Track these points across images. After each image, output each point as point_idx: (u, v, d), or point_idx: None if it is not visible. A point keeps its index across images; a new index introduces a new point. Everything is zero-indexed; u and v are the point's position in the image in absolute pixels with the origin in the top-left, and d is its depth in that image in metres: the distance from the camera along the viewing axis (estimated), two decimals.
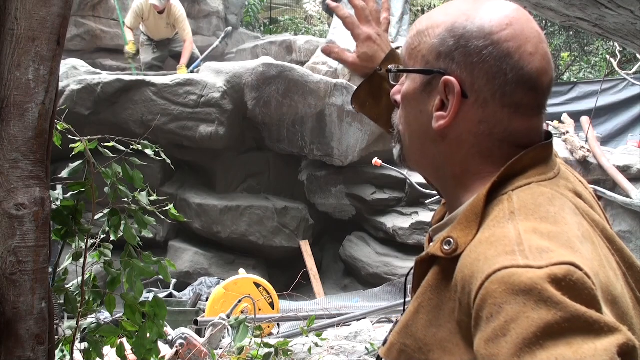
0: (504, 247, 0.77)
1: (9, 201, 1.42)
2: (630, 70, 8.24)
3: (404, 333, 0.89)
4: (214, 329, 3.81)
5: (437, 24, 0.92)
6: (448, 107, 0.89)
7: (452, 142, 0.91)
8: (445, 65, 0.90)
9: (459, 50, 0.89)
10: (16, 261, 1.42)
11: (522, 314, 0.70)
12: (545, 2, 3.10)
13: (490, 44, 0.87)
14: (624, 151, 6.39)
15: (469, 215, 0.86)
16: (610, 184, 5.98)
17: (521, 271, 0.73)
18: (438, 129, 0.91)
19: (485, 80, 0.87)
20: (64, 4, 1.48)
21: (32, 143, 1.45)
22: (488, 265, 0.75)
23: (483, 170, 0.90)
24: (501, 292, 0.72)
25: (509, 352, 0.69)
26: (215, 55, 8.77)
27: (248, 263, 6.87)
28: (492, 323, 0.72)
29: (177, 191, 7.12)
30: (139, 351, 1.89)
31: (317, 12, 14.00)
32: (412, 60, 0.95)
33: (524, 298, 0.71)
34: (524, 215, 0.81)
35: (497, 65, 0.87)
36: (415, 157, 0.99)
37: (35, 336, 1.44)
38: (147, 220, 1.99)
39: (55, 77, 1.48)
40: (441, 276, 0.86)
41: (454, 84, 0.88)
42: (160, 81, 6.70)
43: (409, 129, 0.97)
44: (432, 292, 0.87)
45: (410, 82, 0.96)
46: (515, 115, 0.88)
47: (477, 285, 0.75)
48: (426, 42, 0.93)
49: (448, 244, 0.85)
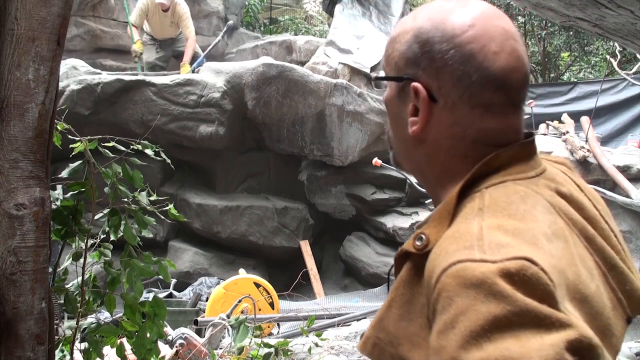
0: (464, 242, 0.78)
1: (9, 201, 1.42)
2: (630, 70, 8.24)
3: (378, 327, 0.90)
4: (214, 329, 3.81)
5: (406, 30, 0.94)
6: (419, 113, 0.91)
7: (430, 145, 0.93)
8: (413, 71, 0.92)
9: (424, 55, 0.90)
10: (16, 261, 1.42)
11: (471, 307, 0.71)
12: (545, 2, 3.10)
13: (452, 47, 0.88)
14: (624, 151, 6.39)
15: (442, 212, 0.87)
16: (610, 184, 5.98)
17: (475, 265, 0.74)
18: (413, 134, 0.92)
19: (451, 84, 0.89)
20: (64, 4, 1.48)
21: (32, 143, 1.45)
22: (445, 260, 0.77)
23: (460, 170, 0.91)
24: (454, 285, 0.74)
25: (456, 344, 0.70)
26: (215, 55, 8.77)
27: (248, 263, 6.87)
28: (443, 315, 0.73)
29: (177, 191, 7.11)
30: (139, 351, 1.89)
31: (317, 12, 14.01)
32: (388, 67, 0.98)
33: (475, 291, 0.72)
34: (492, 212, 0.82)
35: (461, 68, 0.88)
36: (404, 161, 1.02)
37: (35, 336, 1.44)
38: (147, 220, 1.99)
39: (55, 77, 1.48)
40: (413, 272, 0.87)
41: (419, 90, 0.90)
42: (160, 81, 6.70)
43: (394, 135, 1.00)
44: (404, 287, 0.88)
45: (389, 89, 0.98)
46: (486, 115, 0.89)
47: (435, 278, 0.77)
48: (397, 49, 0.94)
49: (420, 239, 0.87)
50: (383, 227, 7.19)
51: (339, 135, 7.15)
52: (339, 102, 7.07)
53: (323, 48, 8.57)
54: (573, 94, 9.08)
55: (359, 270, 7.32)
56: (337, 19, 8.96)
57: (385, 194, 7.45)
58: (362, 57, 8.08)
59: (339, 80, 7.31)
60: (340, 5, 9.05)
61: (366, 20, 8.91)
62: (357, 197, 7.48)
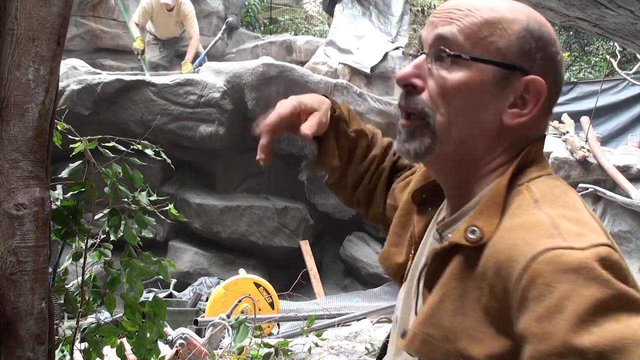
0: (542, 231, 0.79)
1: (9, 201, 1.42)
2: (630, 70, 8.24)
3: (427, 323, 0.88)
4: (214, 329, 3.81)
5: (510, 19, 0.91)
6: (527, 106, 0.91)
7: (507, 138, 0.92)
8: (528, 64, 0.91)
9: (539, 53, 0.91)
10: (16, 261, 1.42)
11: (575, 292, 0.73)
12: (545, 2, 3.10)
13: (558, 52, 0.94)
14: (624, 151, 6.38)
15: (490, 205, 0.88)
16: (610, 184, 5.97)
17: (568, 252, 0.76)
18: (513, 125, 0.91)
19: (552, 85, 0.93)
20: (64, 4, 1.48)
21: (32, 143, 1.45)
22: (530, 248, 0.77)
23: (501, 163, 0.93)
24: (550, 271, 0.75)
25: (566, 328, 0.71)
26: (216, 55, 8.77)
27: (248, 263, 6.87)
28: (544, 301, 0.74)
29: (177, 191, 7.11)
30: (139, 351, 1.89)
31: (317, 12, 14.00)
32: (480, 49, 0.91)
33: (575, 276, 0.74)
34: (548, 204, 0.84)
35: (560, 72, 0.94)
36: (449, 151, 0.93)
37: (35, 336, 1.44)
38: (147, 220, 1.99)
39: (55, 77, 1.48)
40: (465, 265, 0.87)
41: (542, 85, 0.90)
42: (160, 81, 6.70)
43: (461, 123, 0.92)
44: (456, 281, 0.87)
45: (474, 72, 0.91)
46: (549, 116, 0.96)
47: (520, 267, 0.77)
48: (502, 35, 0.90)
49: (473, 232, 0.86)
50: None
51: None
52: (339, 102, 7.06)
53: (323, 48, 8.57)
54: (573, 94, 9.07)
55: (359, 270, 7.31)
56: (337, 19, 8.96)
57: None
58: (362, 57, 8.08)
59: (339, 80, 7.31)
60: (340, 5, 9.05)
61: (366, 20, 8.91)
62: None
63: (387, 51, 8.19)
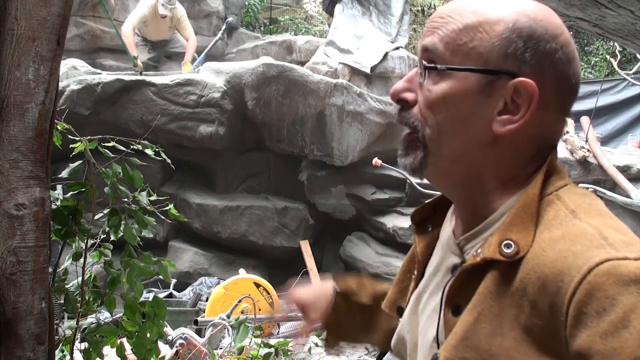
0: (590, 242, 0.76)
1: (9, 201, 1.42)
2: (630, 70, 8.24)
3: (462, 346, 0.82)
4: (214, 329, 3.82)
5: (493, 20, 0.86)
6: (518, 111, 0.85)
7: (504, 146, 0.87)
8: (515, 66, 0.84)
9: (529, 51, 0.84)
10: (16, 261, 1.42)
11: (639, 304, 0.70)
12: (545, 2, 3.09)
13: (558, 48, 0.85)
14: (624, 151, 6.39)
15: (523, 216, 0.83)
16: (610, 184, 5.98)
17: (625, 262, 0.72)
18: (503, 133, 0.85)
19: (553, 85, 0.85)
20: (64, 4, 1.48)
21: (32, 143, 1.45)
22: (583, 260, 0.74)
23: (525, 172, 0.88)
24: (611, 284, 0.71)
25: (635, 343, 0.69)
26: (216, 55, 8.77)
27: (248, 263, 6.87)
28: (608, 316, 0.71)
29: (177, 191, 7.11)
30: (139, 351, 1.89)
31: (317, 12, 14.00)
32: (459, 57, 0.86)
33: (637, 288, 0.71)
34: (585, 213, 0.81)
35: (565, 70, 0.86)
36: (446, 165, 0.90)
37: (35, 336, 1.44)
38: (147, 220, 1.99)
39: (55, 77, 1.48)
40: (500, 281, 0.81)
41: (532, 87, 0.84)
42: (160, 81, 6.70)
43: (448, 135, 0.88)
44: (492, 300, 0.82)
45: (456, 82, 0.86)
46: (561, 118, 0.89)
47: (575, 281, 0.73)
48: (483, 39, 0.85)
49: (508, 246, 0.81)
50: (383, 227, 7.19)
51: (339, 135, 7.15)
52: (339, 102, 7.06)
53: (323, 48, 8.57)
54: None
55: (359, 270, 7.31)
56: (337, 19, 8.96)
57: (386, 194, 7.45)
58: (362, 57, 8.07)
59: (339, 80, 7.31)
60: (340, 5, 9.05)
61: (366, 20, 8.90)
62: (357, 197, 7.48)
63: (387, 51, 8.19)
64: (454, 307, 0.87)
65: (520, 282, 0.79)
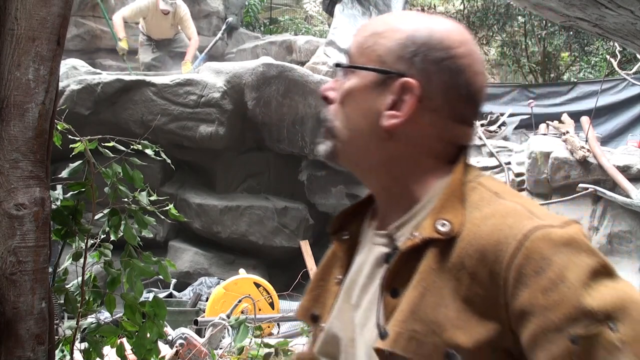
0: (520, 215, 0.86)
1: (9, 201, 1.42)
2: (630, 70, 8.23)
3: (411, 319, 0.89)
4: (214, 329, 3.82)
5: (396, 28, 0.98)
6: (402, 107, 0.94)
7: (402, 141, 0.96)
8: (404, 68, 0.95)
9: (418, 56, 0.95)
10: (16, 261, 1.42)
11: (571, 262, 0.81)
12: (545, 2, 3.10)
13: (448, 57, 0.95)
14: (624, 151, 6.38)
15: (452, 199, 0.92)
16: (610, 184, 5.96)
17: (553, 229, 0.84)
18: (388, 127, 0.95)
19: (440, 89, 0.95)
20: (64, 4, 1.48)
21: (32, 143, 1.45)
22: (517, 230, 0.84)
23: (436, 166, 0.97)
24: (544, 247, 0.82)
25: (573, 294, 0.79)
26: (216, 55, 8.77)
27: (248, 263, 6.87)
28: (545, 275, 0.81)
29: (177, 191, 7.11)
30: (139, 351, 1.89)
31: (317, 12, 14.00)
32: (363, 58, 0.99)
33: (567, 249, 0.82)
34: (507, 195, 0.92)
35: (453, 78, 0.95)
36: (354, 154, 1.01)
37: (35, 336, 1.44)
38: (147, 220, 1.99)
39: (55, 77, 1.48)
40: (439, 258, 0.90)
41: (414, 86, 0.94)
42: (160, 81, 6.70)
43: (349, 125, 0.99)
44: (434, 275, 0.89)
45: (359, 79, 0.98)
46: (458, 124, 0.97)
47: (512, 248, 0.83)
48: (383, 43, 0.97)
49: (443, 225, 0.89)
50: None
51: None
52: None
53: (323, 48, 8.57)
54: (573, 94, 9.07)
55: None
56: (337, 19, 8.96)
57: None
58: None
59: None
60: (340, 5, 9.05)
61: (366, 20, 8.90)
62: (357, 197, 7.41)
63: None
64: (391, 290, 0.93)
65: (458, 257, 0.87)
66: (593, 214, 5.94)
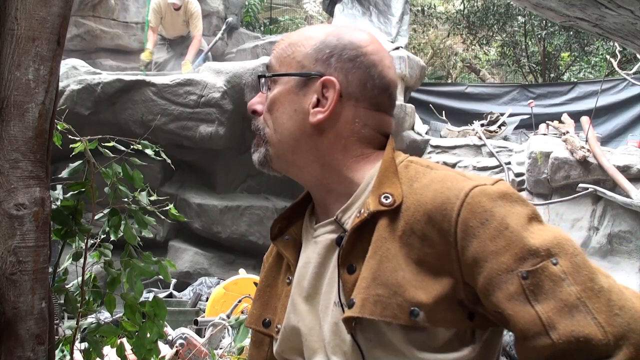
0: (456, 179, 0.96)
1: (9, 201, 1.42)
2: (630, 70, 8.22)
3: (374, 285, 0.96)
4: (214, 329, 3.82)
5: (310, 36, 1.09)
6: (326, 104, 1.05)
7: (330, 134, 1.06)
8: (323, 68, 1.06)
9: (334, 57, 1.06)
10: (16, 261, 1.42)
11: (509, 211, 0.92)
12: (545, 2, 3.10)
13: (360, 54, 1.07)
14: (624, 151, 6.37)
15: (389, 175, 1.02)
16: (610, 184, 5.96)
17: (488, 186, 0.94)
18: (316, 123, 1.05)
19: (357, 83, 1.06)
20: (64, 4, 1.48)
21: (32, 143, 1.45)
22: (457, 190, 0.94)
23: (365, 152, 1.07)
24: (485, 201, 0.92)
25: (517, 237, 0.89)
26: (216, 55, 8.76)
27: (248, 263, 6.87)
28: (490, 224, 0.91)
29: (177, 191, 7.11)
30: (139, 351, 1.89)
31: (317, 12, 14.00)
32: (284, 66, 1.09)
33: (503, 201, 0.93)
34: (440, 168, 1.01)
35: (367, 71, 1.07)
36: (288, 155, 1.09)
37: (35, 336, 1.44)
38: (147, 220, 1.99)
39: (55, 77, 1.48)
40: (389, 228, 0.98)
41: (334, 83, 1.05)
42: (160, 81, 6.70)
43: (280, 129, 1.08)
44: (388, 243, 0.97)
45: (282, 86, 1.08)
46: (377, 112, 1.08)
47: (457, 206, 0.93)
48: (300, 50, 1.08)
49: (386, 198, 0.99)
50: None
51: None
52: None
53: None
54: (573, 94, 9.06)
55: None
56: (337, 19, 8.96)
57: None
58: None
59: None
60: (340, 5, 9.05)
61: (366, 20, 8.90)
62: None
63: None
64: (348, 267, 1.01)
65: (406, 225, 0.97)
66: (593, 214, 5.94)
